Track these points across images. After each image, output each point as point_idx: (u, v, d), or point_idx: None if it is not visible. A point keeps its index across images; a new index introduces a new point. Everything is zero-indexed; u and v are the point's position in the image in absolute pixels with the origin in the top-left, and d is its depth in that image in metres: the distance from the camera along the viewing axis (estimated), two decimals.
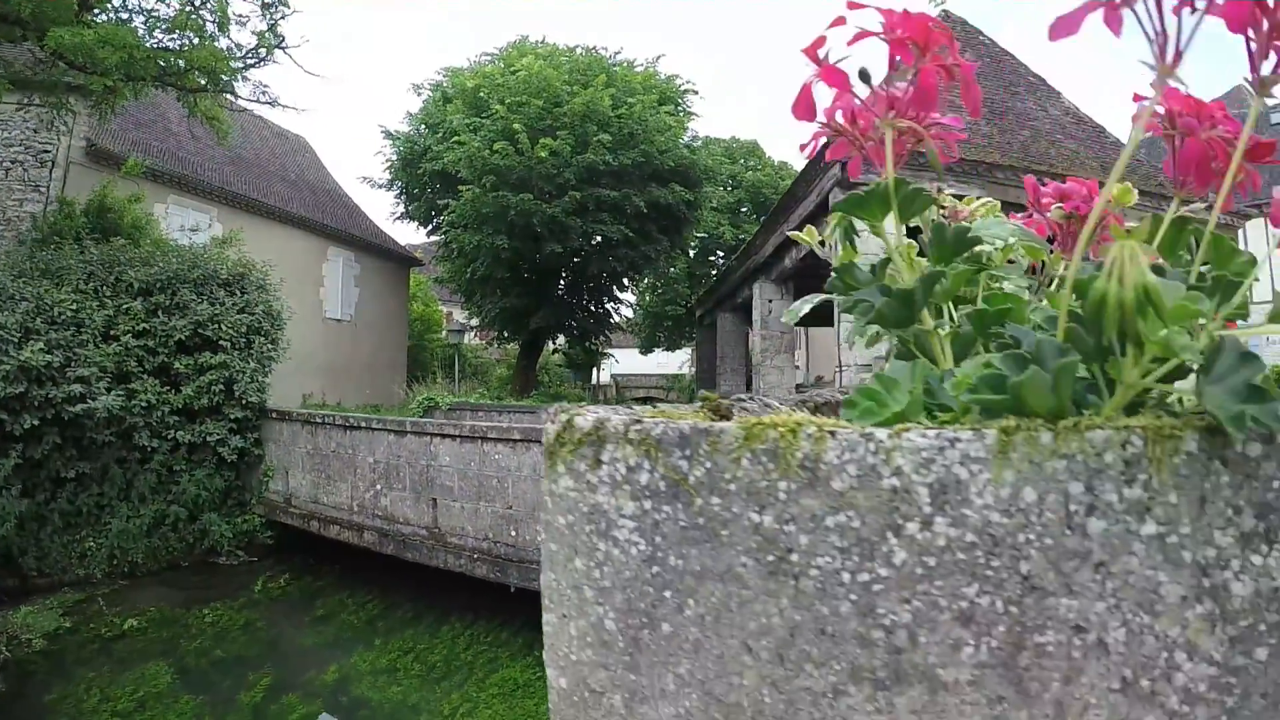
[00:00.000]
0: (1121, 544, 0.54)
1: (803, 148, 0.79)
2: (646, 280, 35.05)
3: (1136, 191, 0.88)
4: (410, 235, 32.28)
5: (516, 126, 21.70)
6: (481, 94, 23.56)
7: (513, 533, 10.39)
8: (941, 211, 1.14)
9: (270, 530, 14.11)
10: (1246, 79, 0.63)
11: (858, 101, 0.74)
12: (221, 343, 13.65)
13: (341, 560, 13.07)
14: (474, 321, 31.17)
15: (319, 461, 13.40)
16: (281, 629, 11.53)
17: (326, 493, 13.21)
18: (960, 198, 1.20)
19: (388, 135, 27.62)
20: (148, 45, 13.24)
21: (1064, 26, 0.58)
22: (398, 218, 29.09)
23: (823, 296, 0.94)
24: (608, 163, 22.16)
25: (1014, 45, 25.56)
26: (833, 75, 0.70)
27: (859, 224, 0.94)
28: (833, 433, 0.58)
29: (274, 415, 14.40)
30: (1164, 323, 0.55)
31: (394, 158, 27.50)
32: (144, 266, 13.36)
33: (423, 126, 26.45)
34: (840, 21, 0.68)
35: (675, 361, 42.93)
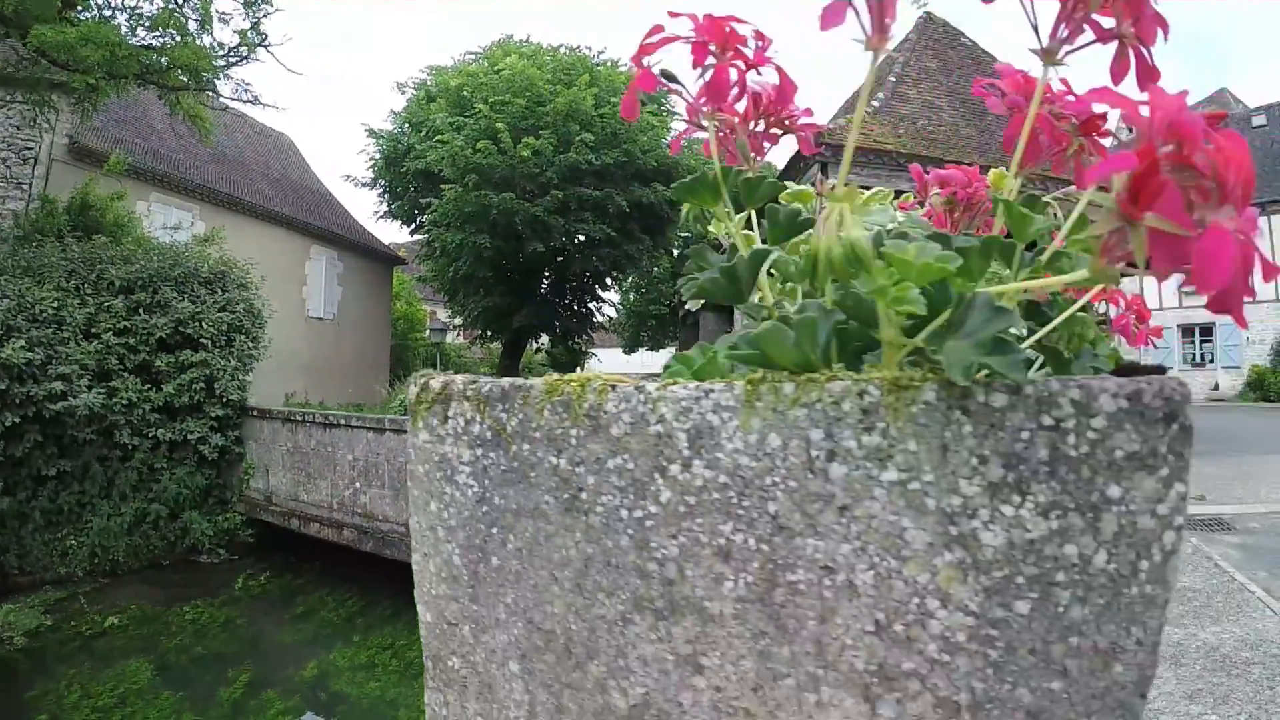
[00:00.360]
0: (863, 489, 0.56)
1: (673, 144, 0.87)
2: (630, 280, 35.06)
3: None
4: (394, 234, 32.21)
5: (499, 125, 21.67)
6: (465, 93, 23.49)
7: None
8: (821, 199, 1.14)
9: (251, 528, 14.14)
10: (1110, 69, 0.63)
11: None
12: (202, 341, 13.64)
13: (321, 557, 13.10)
14: (457, 321, 31.06)
15: (299, 459, 13.42)
16: (261, 626, 11.56)
17: (307, 490, 13.23)
18: (867, 187, 1.24)
19: (371, 134, 27.48)
20: (130, 43, 13.18)
21: (831, 17, 0.61)
22: (381, 216, 28.91)
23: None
24: (590, 162, 22.16)
25: (995, 47, 25.73)
26: (646, 80, 0.76)
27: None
28: (614, 386, 0.66)
29: (255, 413, 14.39)
30: (872, 277, 0.56)
31: (377, 156, 27.38)
32: (125, 264, 13.33)
33: (406, 125, 26.35)
34: (658, 29, 0.73)
35: (659, 361, 42.80)
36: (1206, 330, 32.05)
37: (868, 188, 1.14)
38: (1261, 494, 10.10)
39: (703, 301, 1.14)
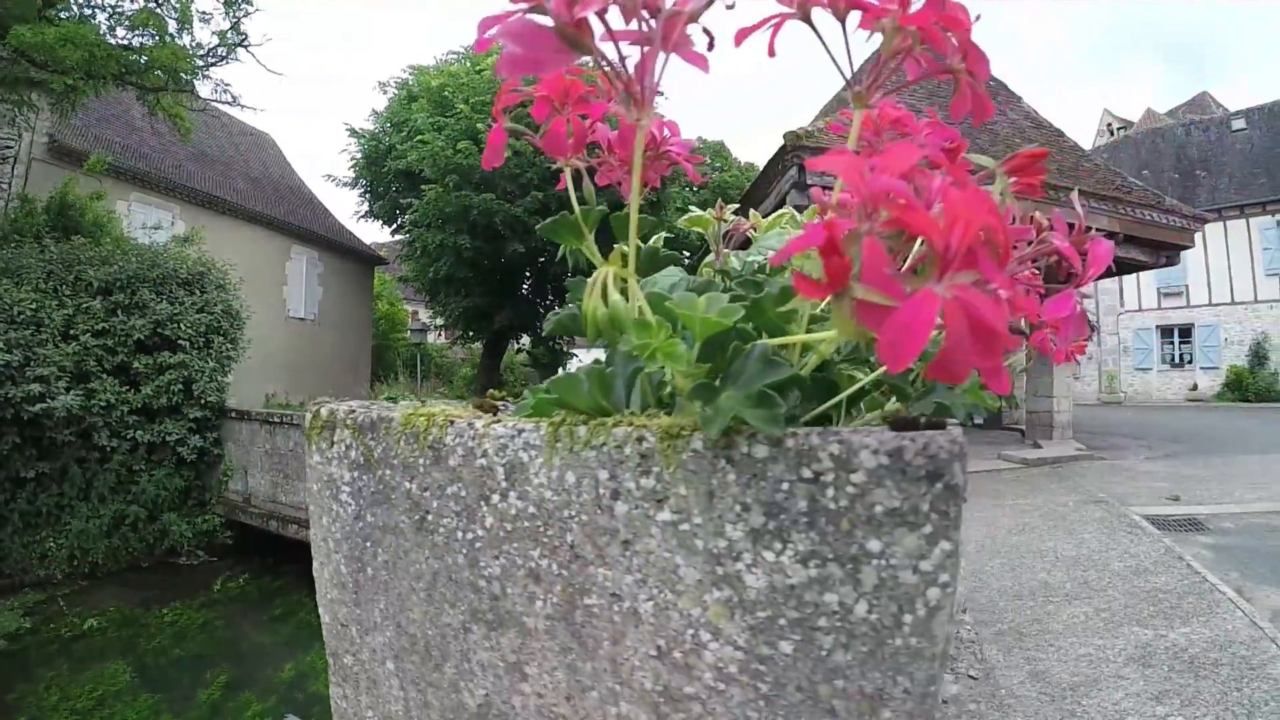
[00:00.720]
0: (642, 526, 0.60)
1: (559, 184, 0.91)
2: None
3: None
4: (375, 234, 32.04)
5: (480, 126, 21.64)
6: (446, 93, 23.43)
7: None
8: (723, 224, 1.16)
9: (230, 530, 14.08)
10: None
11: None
12: (180, 342, 13.56)
13: (301, 559, 12.92)
14: (438, 321, 30.96)
15: (277, 461, 13.39)
16: (240, 628, 11.52)
17: (285, 492, 13.21)
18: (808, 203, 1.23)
19: (352, 133, 27.35)
20: (109, 43, 13.09)
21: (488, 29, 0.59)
22: (362, 216, 28.74)
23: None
24: None
25: None
26: (498, 134, 0.81)
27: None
28: (452, 422, 0.73)
29: (233, 415, 14.33)
30: (632, 337, 0.58)
31: (358, 156, 27.27)
32: (103, 265, 13.21)
33: (388, 124, 26.25)
34: (514, 83, 0.77)
35: None
36: (1185, 331, 32.25)
37: None
38: (1236, 494, 10.11)
39: None
